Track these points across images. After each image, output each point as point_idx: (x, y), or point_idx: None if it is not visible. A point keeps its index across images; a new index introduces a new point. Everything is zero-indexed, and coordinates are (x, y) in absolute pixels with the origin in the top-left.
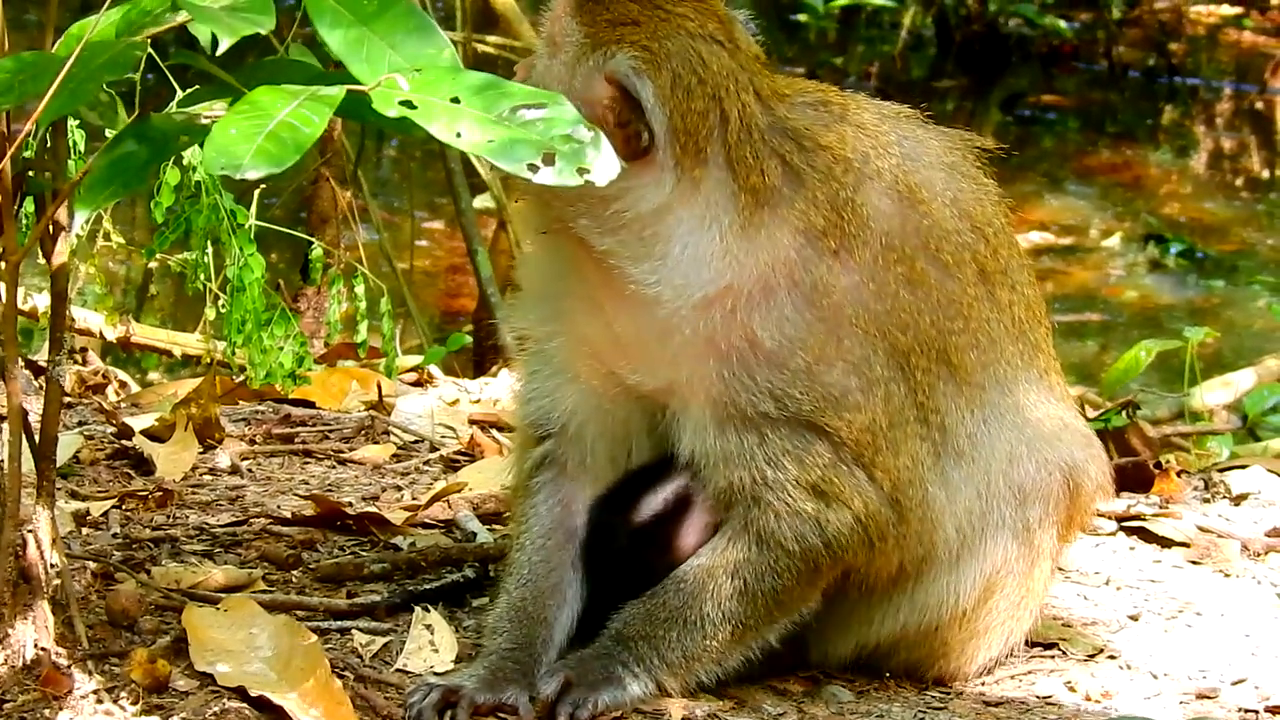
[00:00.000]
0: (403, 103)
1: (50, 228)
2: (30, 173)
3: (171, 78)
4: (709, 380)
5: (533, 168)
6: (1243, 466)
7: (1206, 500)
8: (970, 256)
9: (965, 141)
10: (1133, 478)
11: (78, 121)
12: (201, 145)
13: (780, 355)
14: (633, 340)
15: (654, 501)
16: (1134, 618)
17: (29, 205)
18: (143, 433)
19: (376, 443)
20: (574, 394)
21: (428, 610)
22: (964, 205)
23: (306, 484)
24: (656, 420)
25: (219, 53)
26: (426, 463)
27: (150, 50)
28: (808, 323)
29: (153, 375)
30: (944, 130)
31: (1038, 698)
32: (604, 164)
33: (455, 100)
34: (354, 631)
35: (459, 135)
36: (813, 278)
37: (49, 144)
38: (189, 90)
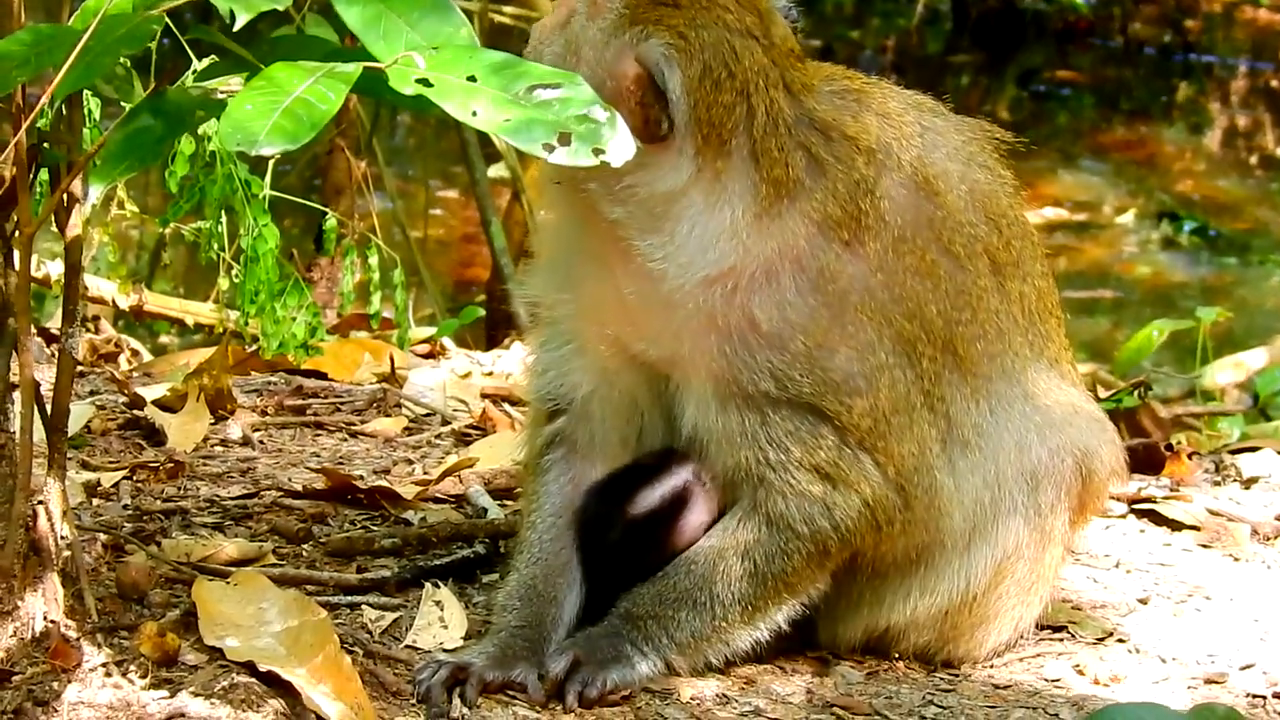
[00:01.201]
0: (419, 80)
1: (64, 199)
2: (45, 144)
3: (189, 48)
4: (710, 355)
5: (548, 147)
6: (1253, 449)
7: (1217, 483)
8: (982, 248)
9: (985, 132)
10: (1144, 459)
11: (92, 90)
12: (218, 120)
13: (780, 337)
14: (639, 306)
15: (651, 497)
16: (1143, 601)
17: (43, 176)
18: (154, 403)
19: (388, 415)
20: (583, 366)
21: (438, 586)
22: (979, 197)
23: (318, 456)
24: (663, 396)
25: (236, 28)
26: (438, 436)
27: (167, 19)
28: (810, 307)
29: (164, 339)
30: (964, 119)
31: (1046, 681)
32: (619, 145)
33: (472, 79)
34: (364, 607)
35: (475, 114)
36: (819, 264)
37: (64, 113)
38: (205, 60)
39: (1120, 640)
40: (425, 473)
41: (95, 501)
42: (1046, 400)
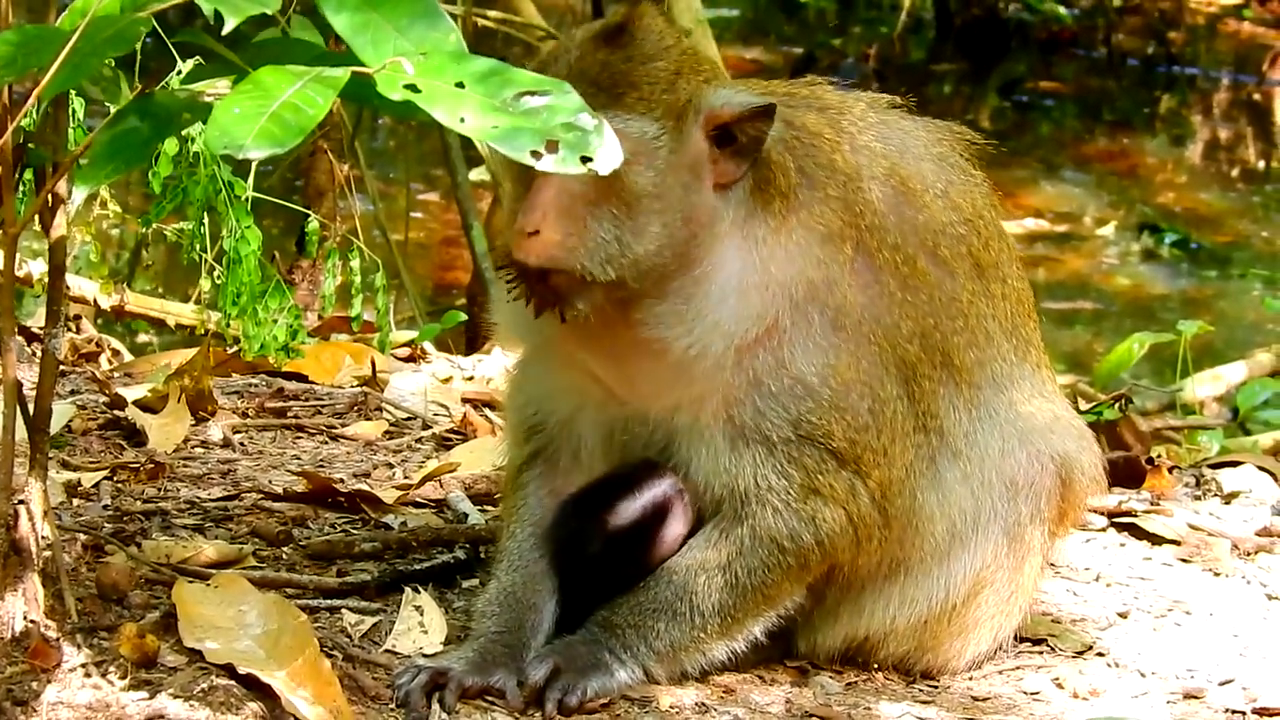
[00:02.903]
0: (407, 86)
1: (49, 200)
2: (31, 145)
3: (174, 50)
4: (734, 407)
5: (535, 154)
6: (1233, 464)
7: (1197, 498)
8: (966, 250)
9: (954, 133)
10: (1124, 473)
11: (78, 90)
12: (204, 123)
13: (815, 388)
14: (647, 378)
15: (632, 508)
16: (1123, 615)
17: (28, 176)
18: (135, 403)
19: (369, 419)
20: (570, 400)
21: (418, 591)
22: (955, 198)
23: (298, 459)
24: (658, 431)
25: (225, 32)
26: (419, 440)
27: (153, 21)
28: (834, 347)
29: (144, 337)
30: (931, 120)
31: (1025, 694)
32: (607, 153)
33: (459, 85)
34: (343, 611)
35: (462, 121)
36: (837, 300)
37: (50, 113)
38: (190, 60)
39: (1099, 654)
40: (406, 477)
41: (76, 502)
42: (1029, 407)
